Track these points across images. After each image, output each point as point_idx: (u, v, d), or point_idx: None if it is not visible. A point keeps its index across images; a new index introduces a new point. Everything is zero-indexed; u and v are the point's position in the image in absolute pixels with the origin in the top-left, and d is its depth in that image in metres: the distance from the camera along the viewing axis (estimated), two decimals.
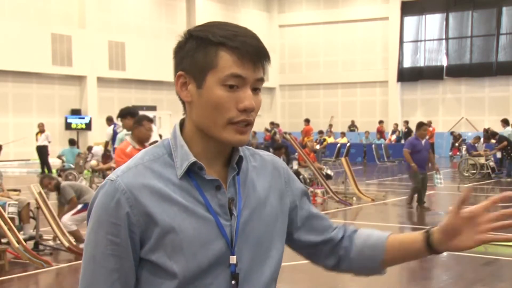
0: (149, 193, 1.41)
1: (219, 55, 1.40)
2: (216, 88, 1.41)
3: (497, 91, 30.93)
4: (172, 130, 1.51)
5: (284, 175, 1.63)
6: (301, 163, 14.21)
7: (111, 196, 1.41)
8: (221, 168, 1.49)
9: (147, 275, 1.44)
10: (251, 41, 1.42)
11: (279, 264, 1.57)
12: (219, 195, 1.45)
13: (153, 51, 28.12)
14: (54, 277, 7.48)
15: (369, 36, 33.83)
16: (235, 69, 1.40)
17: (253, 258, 1.48)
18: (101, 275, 1.42)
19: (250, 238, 1.48)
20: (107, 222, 1.41)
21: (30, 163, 24.12)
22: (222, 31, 1.42)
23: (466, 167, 18.76)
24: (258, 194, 1.53)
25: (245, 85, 1.41)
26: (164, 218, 1.40)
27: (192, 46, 1.43)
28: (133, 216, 1.40)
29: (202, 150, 1.47)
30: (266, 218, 1.52)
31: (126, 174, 1.43)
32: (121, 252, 1.41)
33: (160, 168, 1.45)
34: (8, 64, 24.29)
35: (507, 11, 30.58)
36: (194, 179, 1.45)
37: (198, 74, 1.42)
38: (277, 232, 1.55)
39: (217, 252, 1.43)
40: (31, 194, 8.46)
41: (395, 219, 11.87)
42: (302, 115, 33.62)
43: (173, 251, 1.40)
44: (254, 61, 1.41)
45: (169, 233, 1.40)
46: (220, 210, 1.45)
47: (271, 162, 1.61)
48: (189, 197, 1.43)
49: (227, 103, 1.41)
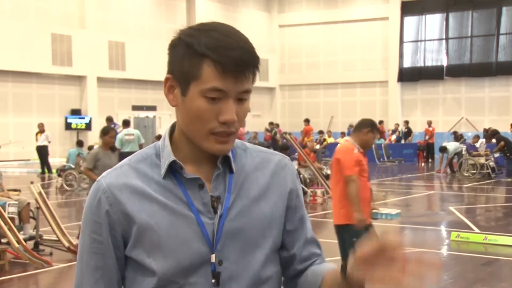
0: (129, 192, 1.45)
1: (202, 67, 1.40)
2: (198, 99, 1.41)
3: (497, 91, 30.93)
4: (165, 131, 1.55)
5: (291, 177, 1.59)
6: (301, 163, 14.20)
7: (94, 195, 1.47)
8: (209, 167, 1.50)
9: (131, 273, 1.48)
10: (235, 53, 1.39)
11: (275, 265, 1.54)
12: (202, 194, 1.46)
13: (153, 51, 28.09)
14: (54, 277, 7.48)
15: (369, 36, 33.83)
16: (216, 83, 1.39)
17: (242, 257, 1.47)
18: (87, 273, 1.47)
19: (239, 237, 1.47)
20: (90, 220, 1.47)
21: (30, 163, 24.13)
22: (208, 39, 1.40)
23: (466, 167, 18.76)
24: (254, 192, 1.52)
25: (227, 98, 1.41)
26: (142, 216, 1.43)
27: (180, 52, 1.44)
28: (113, 214, 1.44)
29: (189, 152, 1.49)
30: (259, 217, 1.50)
31: (110, 174, 1.49)
32: (104, 250, 1.46)
33: (145, 168, 1.48)
34: (8, 64, 24.29)
35: (507, 11, 30.57)
36: (178, 178, 1.47)
37: (183, 82, 1.43)
38: (271, 231, 1.53)
39: (197, 250, 1.43)
40: (31, 194, 8.46)
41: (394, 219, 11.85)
42: (302, 115, 33.61)
43: (151, 249, 1.43)
44: (236, 75, 1.40)
45: (146, 230, 1.43)
46: (203, 208, 1.46)
47: (275, 160, 1.59)
48: (171, 195, 1.45)
49: (208, 115, 1.41)
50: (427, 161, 25.24)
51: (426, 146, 25.56)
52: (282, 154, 1.63)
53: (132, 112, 29.39)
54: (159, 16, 30.71)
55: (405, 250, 1.25)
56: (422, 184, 17.87)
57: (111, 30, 28.44)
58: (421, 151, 25.73)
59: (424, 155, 25.63)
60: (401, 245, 1.26)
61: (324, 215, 11.73)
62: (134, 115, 29.28)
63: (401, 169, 21.95)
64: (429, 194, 15.59)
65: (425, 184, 18.03)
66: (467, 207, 12.89)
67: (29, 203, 8.76)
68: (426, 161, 25.26)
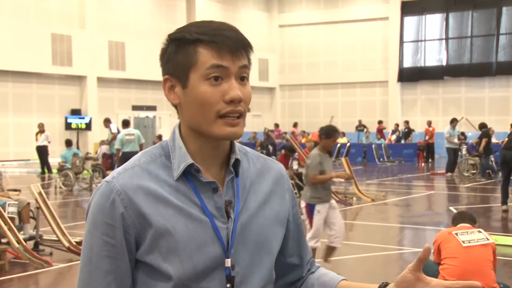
0: (144, 194, 1.41)
1: (198, 51, 1.41)
2: (200, 84, 1.41)
3: (497, 91, 30.93)
4: (172, 131, 1.51)
5: (288, 187, 1.63)
6: (301, 163, 14.20)
7: (106, 197, 1.41)
8: (218, 170, 1.49)
9: (143, 277, 1.44)
10: (228, 32, 1.42)
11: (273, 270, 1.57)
12: (215, 198, 1.45)
13: (153, 51, 27.98)
14: (54, 277, 7.47)
15: (369, 36, 33.83)
16: (214, 60, 1.40)
17: (251, 261, 1.48)
18: (97, 276, 1.42)
19: (249, 241, 1.47)
20: (102, 223, 1.41)
21: (30, 163, 24.12)
22: (198, 28, 1.43)
23: (466, 167, 18.75)
24: (259, 197, 1.52)
25: (229, 76, 1.41)
26: (159, 220, 1.40)
27: (172, 49, 1.45)
28: (128, 217, 1.40)
29: (198, 151, 1.46)
30: (266, 222, 1.51)
31: (122, 175, 1.44)
32: (117, 254, 1.41)
33: (156, 170, 1.45)
34: (8, 64, 24.28)
35: (507, 11, 30.57)
36: (191, 181, 1.45)
37: (182, 75, 1.43)
38: (276, 236, 1.55)
39: (212, 254, 1.42)
40: (31, 194, 8.46)
41: (395, 219, 11.86)
42: (302, 115, 33.62)
43: (168, 253, 1.40)
44: (232, 50, 1.41)
45: (163, 234, 1.40)
46: (216, 212, 1.44)
47: (275, 168, 1.61)
48: (185, 199, 1.43)
49: (213, 97, 1.40)
50: (427, 161, 25.23)
51: (426, 146, 25.55)
52: (277, 161, 1.65)
53: (132, 112, 29.39)
54: (159, 16, 30.71)
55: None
56: (422, 184, 17.87)
57: (111, 30, 28.44)
58: (421, 151, 25.72)
59: (424, 155, 25.62)
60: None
61: None
62: (134, 115, 29.28)
63: (401, 169, 21.94)
64: (429, 194, 15.59)
65: (425, 184, 18.03)
66: (467, 207, 12.89)
67: (29, 203, 8.76)
68: (426, 161, 25.25)
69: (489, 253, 5.20)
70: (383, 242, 9.35)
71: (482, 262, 5.15)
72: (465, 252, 5.20)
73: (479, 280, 5.03)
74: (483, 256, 5.17)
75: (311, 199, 6.95)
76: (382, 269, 7.62)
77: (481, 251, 5.18)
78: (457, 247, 5.22)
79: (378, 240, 9.50)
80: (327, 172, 6.98)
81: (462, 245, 5.21)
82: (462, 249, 5.20)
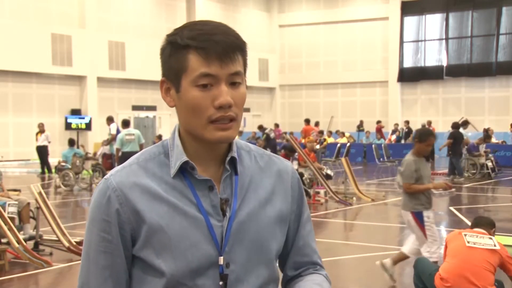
0: (140, 191, 1.44)
1: (188, 58, 1.42)
2: (191, 90, 1.42)
3: (497, 91, 30.94)
4: (172, 130, 1.53)
5: (293, 183, 1.61)
6: (301, 163, 14.20)
7: (103, 193, 1.45)
8: (216, 168, 1.50)
9: (138, 273, 1.46)
10: (218, 37, 1.41)
11: (276, 268, 1.56)
12: (211, 196, 1.46)
13: (153, 51, 27.92)
14: (54, 277, 7.47)
15: (369, 36, 33.83)
16: (203, 69, 1.41)
17: (248, 260, 1.47)
18: (94, 271, 1.45)
19: (246, 240, 1.47)
20: (99, 219, 1.44)
21: (30, 163, 24.12)
22: (190, 32, 1.43)
23: (466, 167, 18.75)
24: (260, 195, 1.52)
25: (218, 82, 1.42)
26: (153, 216, 1.42)
27: (167, 52, 1.47)
28: (123, 214, 1.43)
29: (195, 151, 1.48)
30: (266, 220, 1.51)
31: (119, 173, 1.47)
32: (113, 249, 1.44)
33: (154, 167, 1.47)
34: (8, 64, 24.28)
35: (507, 11, 30.57)
36: (188, 178, 1.46)
37: (175, 79, 1.45)
38: (277, 235, 1.54)
39: (206, 252, 1.43)
40: (31, 194, 8.46)
41: (395, 219, 11.85)
42: (302, 115, 33.60)
43: (161, 250, 1.42)
44: (220, 57, 1.41)
45: (156, 231, 1.42)
46: (212, 210, 1.45)
47: (280, 165, 1.60)
48: (181, 196, 1.44)
49: (203, 103, 1.42)
50: (427, 161, 25.20)
51: None
52: (283, 158, 1.63)
53: (132, 112, 29.39)
54: (159, 16, 30.71)
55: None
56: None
57: (111, 30, 28.43)
58: None
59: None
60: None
61: (325, 215, 11.71)
62: (134, 115, 29.28)
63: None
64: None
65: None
66: (467, 207, 12.88)
67: (29, 203, 8.75)
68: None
69: (493, 258, 5.21)
70: (383, 242, 9.34)
71: (481, 263, 5.17)
72: (467, 252, 5.22)
73: (475, 281, 5.05)
74: (484, 258, 5.18)
75: (416, 206, 6.46)
76: (382, 269, 7.60)
77: (483, 254, 5.19)
78: (461, 246, 5.26)
79: (378, 240, 9.50)
80: (424, 178, 6.55)
81: (466, 244, 5.25)
82: (465, 249, 5.23)
